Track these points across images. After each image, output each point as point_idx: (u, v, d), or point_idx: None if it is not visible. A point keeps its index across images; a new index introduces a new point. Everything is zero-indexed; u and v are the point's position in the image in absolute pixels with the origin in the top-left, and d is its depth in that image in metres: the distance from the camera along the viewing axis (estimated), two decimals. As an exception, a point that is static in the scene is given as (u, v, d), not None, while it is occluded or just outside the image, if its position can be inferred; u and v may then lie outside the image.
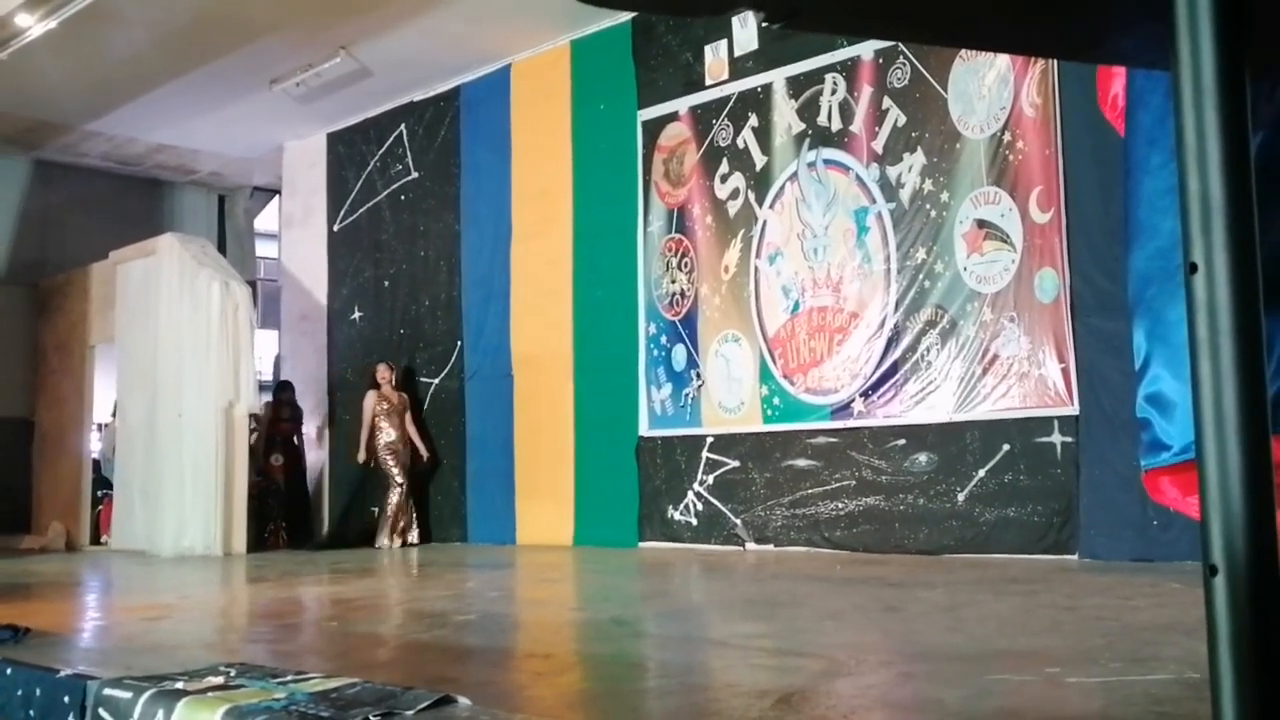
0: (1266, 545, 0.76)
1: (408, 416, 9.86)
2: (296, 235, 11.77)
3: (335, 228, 11.25)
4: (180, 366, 9.43)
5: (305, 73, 9.79)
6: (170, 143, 11.96)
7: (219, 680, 2.07)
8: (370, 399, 9.79)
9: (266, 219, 14.26)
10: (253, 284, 11.16)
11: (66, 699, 2.11)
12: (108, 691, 2.03)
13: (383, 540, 9.50)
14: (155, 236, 10.45)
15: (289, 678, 2.16)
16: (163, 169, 12.84)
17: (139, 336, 10.07)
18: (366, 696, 2.01)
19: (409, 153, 10.52)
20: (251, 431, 10.96)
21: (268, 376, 13.29)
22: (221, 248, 12.46)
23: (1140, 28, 0.87)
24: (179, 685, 2.02)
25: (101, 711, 2.01)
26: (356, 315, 10.96)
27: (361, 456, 9.72)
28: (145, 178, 12.95)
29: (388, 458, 9.68)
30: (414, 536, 9.69)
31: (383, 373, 9.88)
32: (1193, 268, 0.76)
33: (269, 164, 12.32)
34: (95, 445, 11.59)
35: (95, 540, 10.67)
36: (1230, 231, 0.76)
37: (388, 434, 9.72)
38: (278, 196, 12.89)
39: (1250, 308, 0.76)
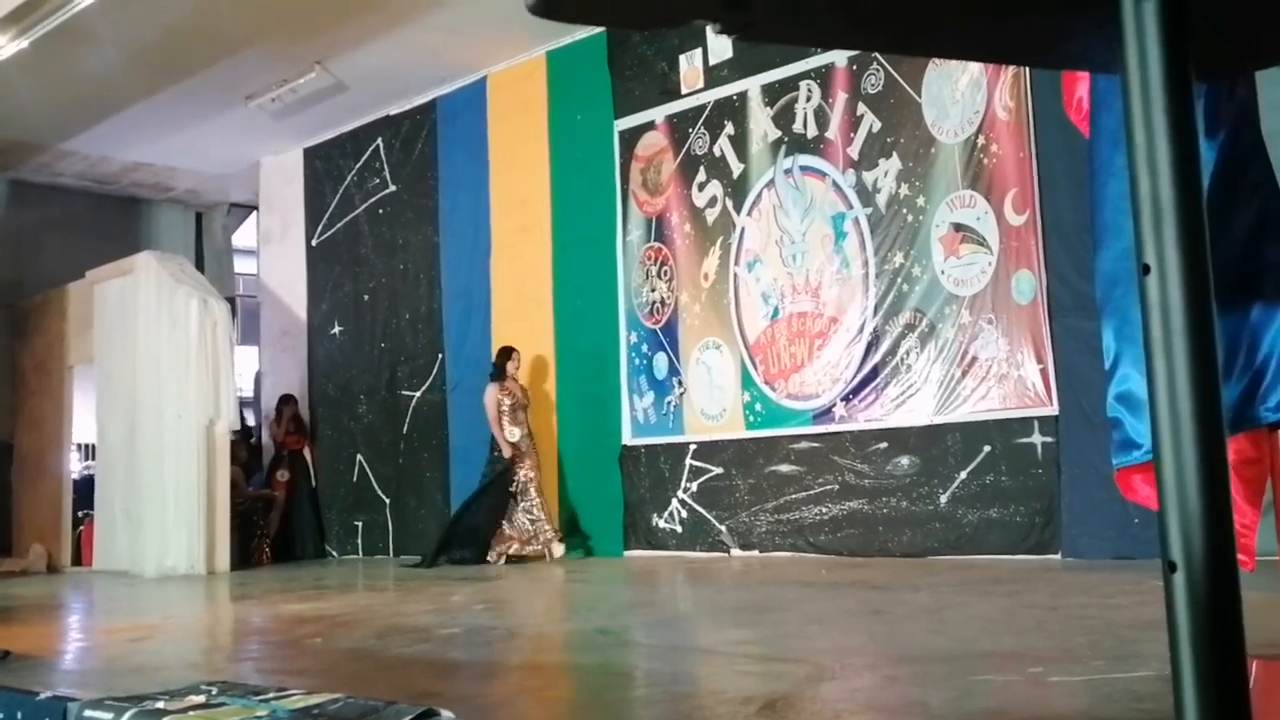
0: (1224, 541, 0.77)
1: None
2: (275, 251, 11.73)
3: (314, 243, 11.22)
4: (160, 385, 9.38)
5: (281, 88, 9.76)
6: (146, 161, 11.91)
7: (200, 699, 2.06)
8: (491, 393, 8.50)
9: (244, 235, 14.21)
10: (231, 300, 11.11)
11: (46, 722, 2.10)
12: (88, 713, 2.02)
13: (504, 551, 8.32)
14: (132, 255, 10.40)
15: (270, 695, 2.15)
16: (139, 187, 12.79)
17: (118, 356, 10.01)
18: (349, 712, 2.00)
19: (386, 166, 10.51)
20: (252, 445, 10.89)
21: (248, 393, 13.26)
22: (199, 265, 12.40)
23: (1093, 32, 0.88)
24: (160, 705, 2.01)
25: (81, 734, 2.00)
26: (337, 330, 10.93)
27: (507, 452, 8.39)
28: (121, 196, 12.89)
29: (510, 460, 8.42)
30: (557, 549, 8.29)
31: (514, 363, 8.61)
32: (1145, 269, 0.77)
33: (246, 180, 12.28)
34: (77, 466, 11.52)
35: (76, 562, 10.60)
36: (1181, 232, 0.77)
37: (510, 433, 8.40)
38: (255, 212, 12.84)
39: (1202, 307, 0.77)
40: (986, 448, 6.65)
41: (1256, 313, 1.74)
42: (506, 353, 8.73)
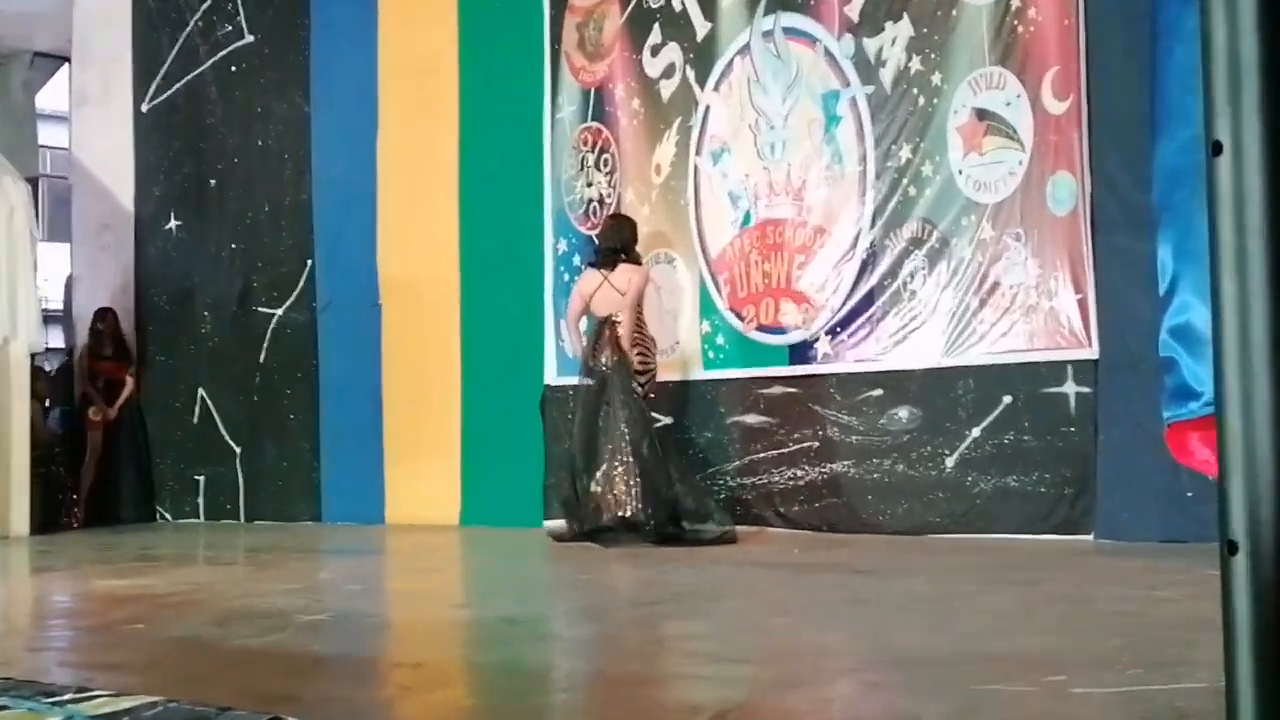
0: (1297, 516, 0.76)
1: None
2: (92, 117, 11.53)
3: (144, 108, 11.04)
4: (-62, 291, 9.22)
5: (102, -99, 9.50)
6: (-80, -7, 11.56)
7: (-28, 699, 2.03)
8: (642, 275, 7.59)
9: (53, 95, 13.91)
10: (34, 182, 10.91)
11: None
12: None
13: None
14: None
15: (67, 697, 2.12)
16: (-89, 28, 12.43)
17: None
18: (170, 719, 1.98)
19: (241, 10, 10.33)
20: (51, 372, 10.74)
21: (56, 305, 13.05)
22: (-8, 133, 12.14)
23: None
24: (-81, 706, 1.97)
25: None
26: (173, 224, 10.79)
27: (642, 373, 7.47)
28: (-113, 39, 12.53)
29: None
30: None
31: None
32: (1216, 147, 0.74)
33: (55, 23, 11.98)
34: None
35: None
36: (1264, 100, 0.74)
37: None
38: (67, 65, 12.58)
39: (1287, 197, 0.74)
40: (1007, 398, 6.73)
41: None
42: (632, 222, 7.76)
